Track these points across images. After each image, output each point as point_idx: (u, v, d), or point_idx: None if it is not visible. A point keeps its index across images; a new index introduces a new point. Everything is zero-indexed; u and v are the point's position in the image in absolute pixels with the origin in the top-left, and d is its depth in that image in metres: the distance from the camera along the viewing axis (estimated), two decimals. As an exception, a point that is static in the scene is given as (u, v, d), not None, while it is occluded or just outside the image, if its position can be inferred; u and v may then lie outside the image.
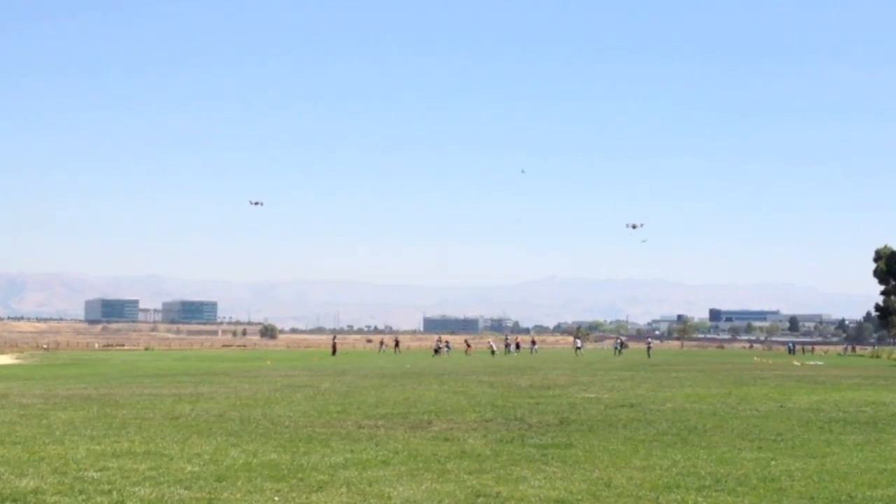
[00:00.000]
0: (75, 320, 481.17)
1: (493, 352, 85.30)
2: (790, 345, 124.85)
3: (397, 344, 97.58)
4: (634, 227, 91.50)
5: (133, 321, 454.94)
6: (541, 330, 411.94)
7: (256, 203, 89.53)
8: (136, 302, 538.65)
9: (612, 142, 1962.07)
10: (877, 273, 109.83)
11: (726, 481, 9.93)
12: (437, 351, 79.41)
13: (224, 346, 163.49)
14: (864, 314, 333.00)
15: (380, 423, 15.86)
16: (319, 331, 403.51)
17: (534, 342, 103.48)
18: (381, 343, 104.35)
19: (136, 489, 9.20)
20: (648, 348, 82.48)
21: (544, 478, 10.06)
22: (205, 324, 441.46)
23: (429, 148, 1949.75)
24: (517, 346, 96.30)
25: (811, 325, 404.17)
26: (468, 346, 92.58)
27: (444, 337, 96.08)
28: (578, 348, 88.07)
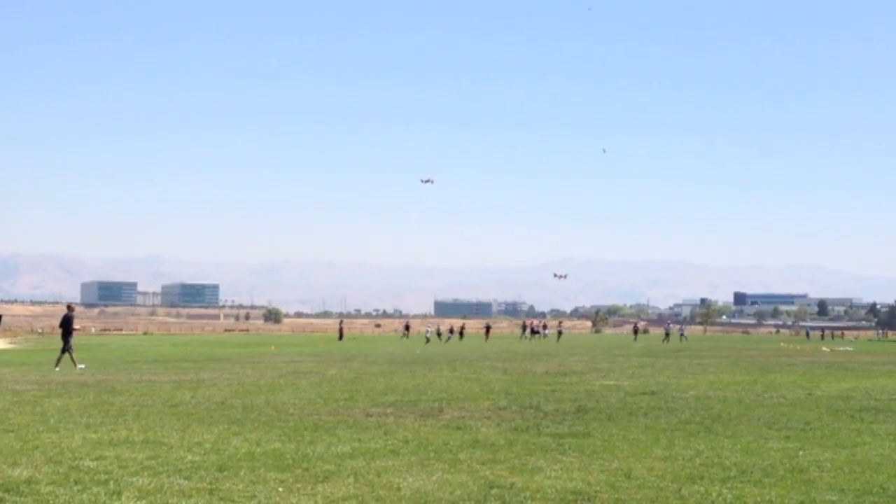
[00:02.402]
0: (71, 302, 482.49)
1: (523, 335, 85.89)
2: (807, 330, 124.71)
3: (408, 328, 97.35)
4: (561, 276, 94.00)
5: (131, 304, 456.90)
6: (557, 314, 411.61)
7: (427, 181, 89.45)
8: (134, 284, 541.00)
9: (633, 119, 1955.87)
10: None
11: (752, 472, 9.90)
12: (439, 334, 78.71)
13: (226, 330, 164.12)
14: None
15: (389, 410, 15.87)
16: (326, 315, 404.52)
17: (545, 326, 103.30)
18: (408, 328, 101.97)
19: (134, 479, 9.20)
20: (667, 334, 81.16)
21: (561, 468, 10.04)
22: (206, 307, 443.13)
23: (440, 125, 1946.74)
24: (536, 332, 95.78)
25: (841, 309, 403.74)
26: (487, 330, 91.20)
27: (443, 322, 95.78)
28: (536, 332, 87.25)
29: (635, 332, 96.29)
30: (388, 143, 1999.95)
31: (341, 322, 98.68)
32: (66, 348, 28.51)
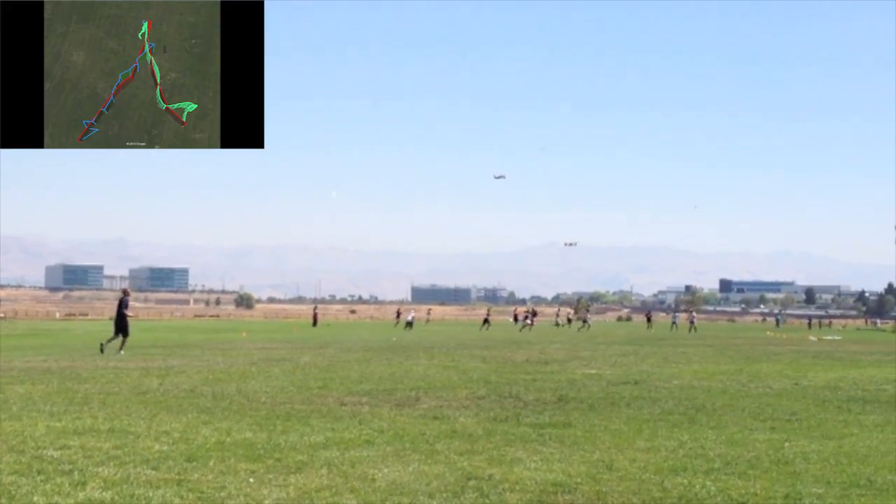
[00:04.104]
0: (35, 287, 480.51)
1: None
2: (777, 318, 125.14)
3: (399, 315, 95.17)
4: (571, 244, 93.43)
5: (97, 289, 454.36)
6: (538, 301, 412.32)
7: (499, 177, 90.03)
8: (100, 268, 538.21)
9: (617, 98, 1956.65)
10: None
11: (737, 464, 9.95)
12: (409, 324, 76.57)
13: (196, 316, 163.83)
14: (885, 286, 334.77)
15: (364, 399, 15.87)
16: (299, 300, 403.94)
17: (533, 313, 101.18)
18: (399, 315, 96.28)
19: (100, 469, 9.17)
20: (692, 323, 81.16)
21: (541, 459, 10.06)
22: (175, 292, 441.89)
23: (416, 103, 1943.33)
24: (568, 321, 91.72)
25: (829, 297, 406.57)
26: (532, 315, 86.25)
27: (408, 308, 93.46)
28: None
29: (648, 319, 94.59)
30: (362, 121, 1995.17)
31: (315, 308, 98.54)
32: (124, 331, 29.88)
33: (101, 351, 28.80)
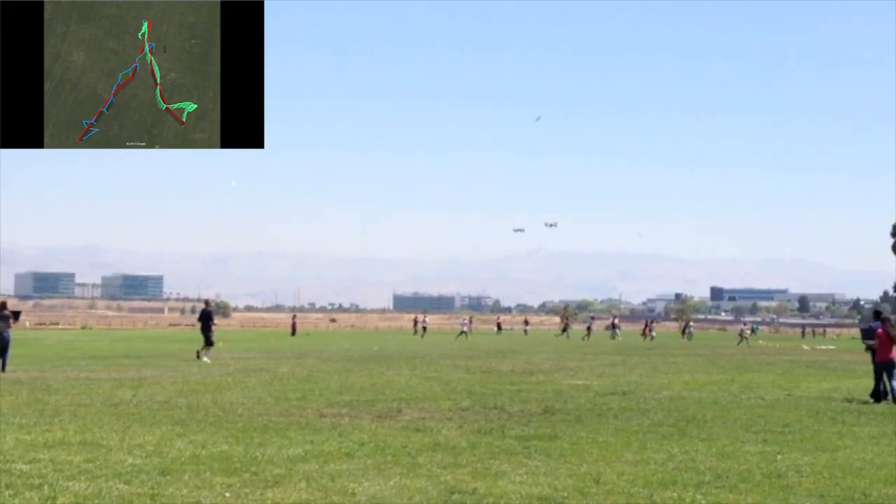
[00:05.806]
0: (4, 295, 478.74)
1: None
2: (753, 326, 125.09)
3: (416, 323, 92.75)
4: (551, 225, 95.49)
5: (69, 297, 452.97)
6: (524, 309, 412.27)
7: (519, 230, 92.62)
8: (72, 275, 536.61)
9: (605, 99, 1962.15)
10: (895, 248, 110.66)
11: (728, 477, 9.97)
12: (425, 329, 77.23)
13: (171, 325, 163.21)
14: (880, 293, 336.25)
15: (344, 411, 15.86)
16: (277, 309, 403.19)
17: (530, 321, 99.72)
18: (416, 323, 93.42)
19: (71, 483, 9.14)
20: (741, 334, 76.68)
21: (526, 473, 10.07)
22: (149, 300, 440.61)
23: (396, 105, 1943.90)
24: (614, 327, 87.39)
25: (823, 305, 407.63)
26: (614, 324, 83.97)
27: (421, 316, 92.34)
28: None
29: (683, 331, 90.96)
30: (343, 124, 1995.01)
31: (294, 316, 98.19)
32: (208, 341, 31.98)
33: (201, 359, 30.71)
